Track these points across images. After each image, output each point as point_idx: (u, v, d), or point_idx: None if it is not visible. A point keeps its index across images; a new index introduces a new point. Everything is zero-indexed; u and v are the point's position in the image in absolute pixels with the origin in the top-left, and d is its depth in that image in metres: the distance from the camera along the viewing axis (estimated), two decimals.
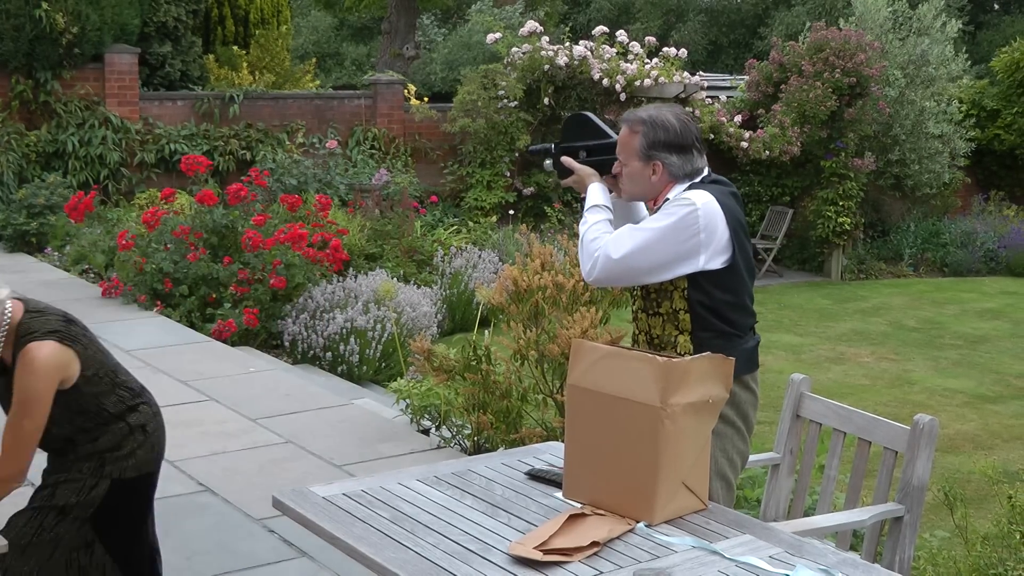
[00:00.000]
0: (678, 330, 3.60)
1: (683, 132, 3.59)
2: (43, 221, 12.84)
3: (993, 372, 10.60)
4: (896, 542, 3.86)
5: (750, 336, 3.66)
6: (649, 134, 3.58)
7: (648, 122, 3.59)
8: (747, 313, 3.65)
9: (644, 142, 3.59)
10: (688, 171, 3.60)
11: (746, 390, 3.63)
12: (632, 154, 3.62)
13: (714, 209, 3.49)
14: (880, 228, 17.59)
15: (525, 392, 6.20)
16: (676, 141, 3.58)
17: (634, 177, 3.64)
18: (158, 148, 14.71)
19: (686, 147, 3.59)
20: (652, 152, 3.58)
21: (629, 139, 3.62)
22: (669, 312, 3.62)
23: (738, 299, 3.60)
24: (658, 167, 3.59)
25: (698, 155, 3.62)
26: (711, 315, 3.55)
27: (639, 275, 3.57)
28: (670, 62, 15.55)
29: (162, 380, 7.65)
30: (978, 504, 6.13)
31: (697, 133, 3.63)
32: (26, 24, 13.88)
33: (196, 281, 9.71)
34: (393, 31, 22.17)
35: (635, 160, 3.61)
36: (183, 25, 16.71)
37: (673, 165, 3.59)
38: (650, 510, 3.04)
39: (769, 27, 27.47)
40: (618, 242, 3.53)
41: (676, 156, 3.58)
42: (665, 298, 3.62)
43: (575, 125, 3.91)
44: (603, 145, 3.79)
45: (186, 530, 5.18)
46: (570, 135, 3.89)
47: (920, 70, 16.79)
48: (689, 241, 3.48)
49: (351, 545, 2.99)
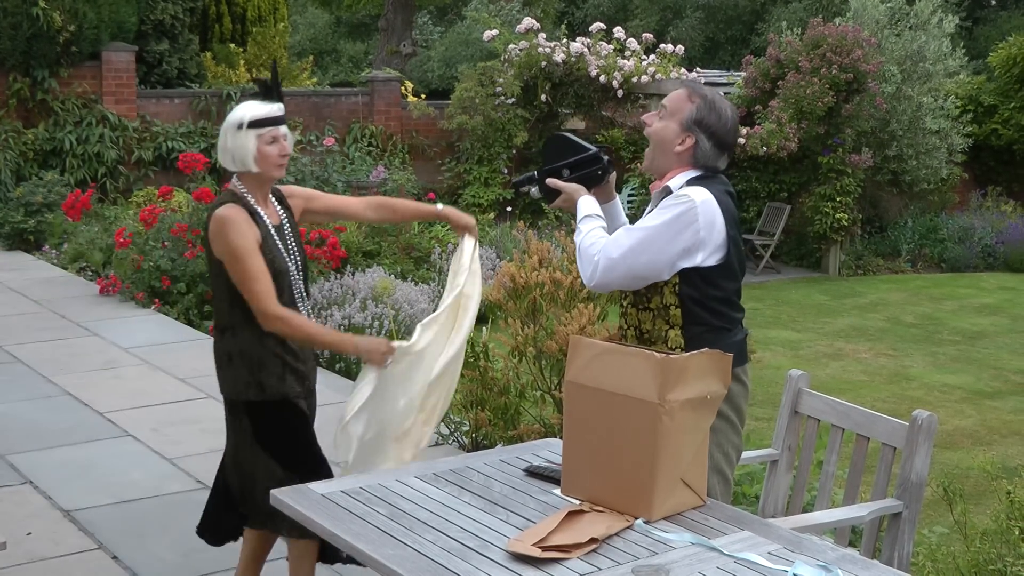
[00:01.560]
0: (668, 324, 3.60)
1: (731, 129, 3.60)
2: (41, 219, 12.84)
3: (991, 368, 10.60)
4: (895, 538, 3.86)
5: (739, 329, 3.66)
6: (703, 109, 3.56)
7: (708, 100, 3.58)
8: (736, 307, 3.65)
9: (695, 114, 3.56)
10: (709, 164, 3.59)
11: (737, 383, 3.63)
12: (677, 117, 3.58)
13: (713, 206, 3.49)
14: (878, 224, 17.59)
15: (523, 389, 6.20)
16: (720, 132, 3.57)
17: (662, 137, 3.61)
18: (155, 146, 14.71)
19: (724, 143, 3.59)
20: (694, 127, 3.56)
21: (682, 103, 3.59)
22: (659, 307, 3.61)
23: (728, 294, 3.60)
24: (690, 141, 3.57)
25: (726, 157, 3.62)
26: (702, 310, 3.55)
27: (640, 273, 3.55)
28: (667, 59, 15.54)
29: (160, 377, 7.66)
30: (977, 500, 6.13)
31: (735, 139, 3.64)
32: (23, 22, 13.87)
33: (194, 278, 9.71)
34: (390, 28, 22.15)
35: (675, 123, 3.58)
36: (180, 23, 16.70)
37: (703, 150, 3.57)
38: (648, 506, 3.04)
39: (767, 23, 27.46)
40: (616, 242, 3.52)
41: (711, 145, 3.57)
42: (655, 293, 3.61)
43: (554, 147, 3.90)
44: (585, 159, 3.77)
45: (184, 527, 5.17)
46: (551, 158, 3.87)
47: (917, 66, 16.78)
48: (688, 237, 3.47)
49: (349, 542, 2.99)
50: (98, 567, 4.78)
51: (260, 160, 3.80)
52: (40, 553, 4.86)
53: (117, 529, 5.15)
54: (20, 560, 4.74)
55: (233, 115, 3.83)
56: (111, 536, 5.07)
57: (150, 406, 7.03)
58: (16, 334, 8.71)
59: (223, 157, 3.86)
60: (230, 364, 3.85)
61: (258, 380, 3.83)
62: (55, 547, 4.94)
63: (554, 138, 3.94)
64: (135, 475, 5.85)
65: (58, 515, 5.30)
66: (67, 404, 7.05)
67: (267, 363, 3.83)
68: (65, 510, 5.36)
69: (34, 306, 9.78)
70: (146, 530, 5.15)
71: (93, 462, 6.03)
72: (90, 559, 4.85)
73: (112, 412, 6.87)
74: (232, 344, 3.84)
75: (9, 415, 6.79)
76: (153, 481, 5.77)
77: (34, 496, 5.54)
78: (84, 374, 7.68)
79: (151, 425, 6.65)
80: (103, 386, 7.42)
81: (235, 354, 3.84)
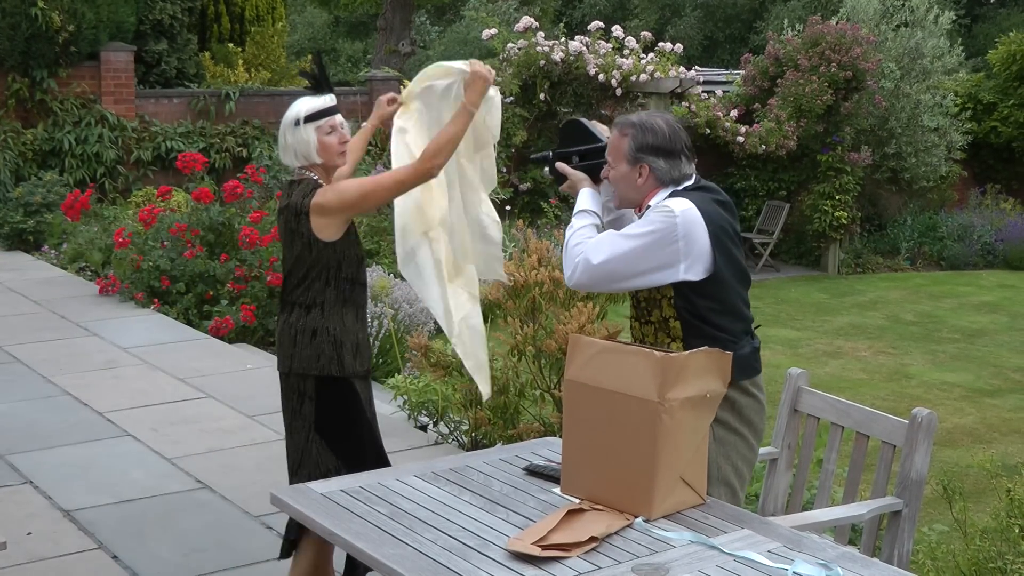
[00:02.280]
0: (670, 338, 3.60)
1: (671, 137, 3.60)
2: (40, 219, 12.83)
3: (991, 366, 10.61)
4: (895, 536, 3.86)
5: (746, 341, 3.62)
6: (638, 137, 3.59)
7: (637, 125, 3.61)
8: (738, 318, 3.62)
9: (632, 145, 3.59)
10: (675, 176, 3.60)
11: (747, 395, 3.61)
12: (620, 156, 3.63)
13: (693, 217, 3.47)
14: (877, 222, 17.59)
15: (522, 388, 6.20)
16: (664, 145, 3.58)
17: (621, 180, 3.65)
18: (154, 146, 14.71)
19: (674, 152, 3.59)
20: (639, 155, 3.59)
21: (619, 142, 3.64)
22: (659, 320, 3.61)
23: (724, 306, 3.56)
24: (644, 170, 3.59)
25: (686, 161, 3.61)
26: (700, 322, 3.54)
27: (618, 281, 3.56)
28: (666, 57, 15.54)
29: (159, 377, 7.65)
30: (976, 498, 6.14)
31: (686, 140, 3.64)
32: (22, 22, 13.86)
33: (193, 278, 9.70)
34: (389, 28, 22.15)
35: (623, 163, 3.62)
36: (179, 23, 16.69)
37: (660, 169, 3.59)
38: (648, 505, 3.04)
39: (765, 21, 27.48)
40: (598, 248, 3.53)
41: (663, 160, 3.58)
42: (655, 307, 3.61)
43: (569, 131, 3.97)
44: (593, 149, 3.82)
45: (184, 527, 5.19)
46: (565, 141, 3.94)
47: (915, 63, 16.78)
48: (667, 249, 3.46)
49: (349, 541, 2.99)
50: (98, 567, 4.77)
51: (322, 151, 3.96)
52: (40, 553, 4.86)
53: (117, 529, 5.15)
54: (20, 560, 4.74)
55: (289, 113, 3.99)
56: (111, 536, 5.07)
57: (149, 406, 7.03)
58: (16, 334, 8.70)
59: (285, 155, 4.02)
60: (313, 340, 3.98)
61: (339, 356, 3.98)
62: (55, 547, 4.94)
63: (571, 122, 3.99)
64: (135, 475, 5.84)
65: (58, 515, 5.30)
66: (67, 404, 7.04)
67: (350, 341, 4.00)
68: (65, 510, 5.35)
69: (33, 306, 9.78)
70: (146, 530, 5.14)
71: (93, 462, 6.03)
72: (90, 559, 4.85)
73: (112, 412, 6.87)
74: (319, 321, 3.98)
75: (9, 415, 6.78)
76: (153, 481, 5.77)
77: (34, 496, 5.54)
78: (83, 374, 7.68)
79: (150, 425, 6.65)
80: (102, 386, 7.42)
81: (320, 330, 3.97)
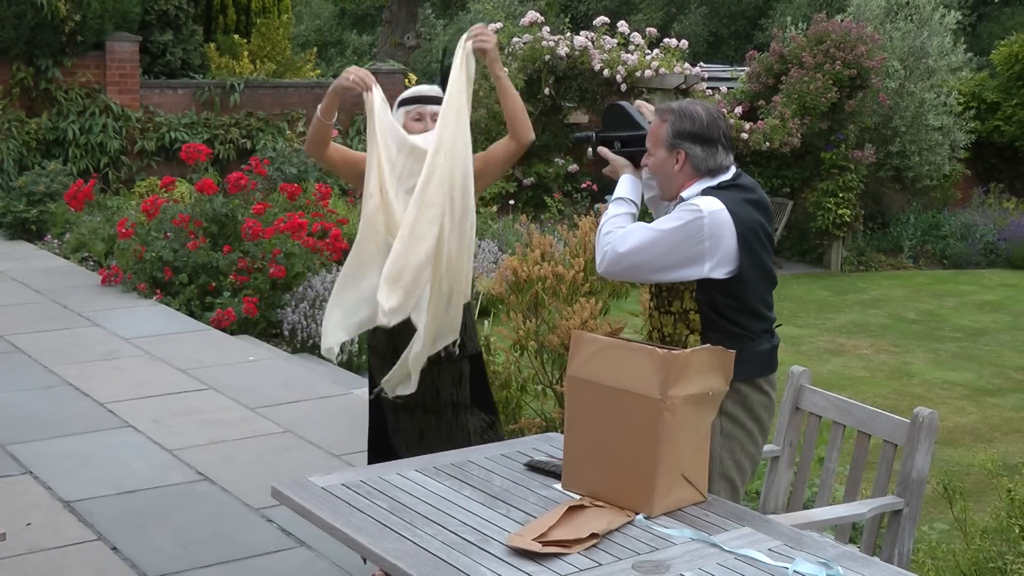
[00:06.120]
0: (689, 329, 3.61)
1: (710, 125, 3.61)
2: (43, 209, 12.82)
3: (993, 365, 10.60)
4: (895, 535, 3.86)
5: (764, 339, 3.65)
6: (676, 123, 3.60)
7: (676, 112, 3.63)
8: (758, 317, 3.64)
9: (671, 131, 3.61)
10: (712, 166, 3.60)
11: (759, 392, 3.63)
12: (659, 143, 3.64)
13: (722, 218, 3.48)
14: (880, 220, 17.57)
15: (524, 383, 6.20)
16: (701, 132, 3.59)
17: (659, 166, 3.66)
18: (158, 136, 14.70)
19: (711, 140, 3.60)
20: (677, 141, 3.60)
21: (658, 128, 3.65)
22: (680, 311, 3.63)
23: (745, 305, 3.59)
24: (681, 156, 3.60)
25: (723, 151, 3.62)
26: (719, 317, 3.56)
27: (644, 273, 3.60)
28: (671, 53, 15.52)
29: (161, 368, 7.66)
30: (977, 497, 6.13)
31: (725, 129, 3.65)
32: (27, 11, 13.85)
33: (196, 270, 9.70)
34: (394, 20, 22.10)
35: (661, 149, 3.64)
36: (184, 13, 16.67)
37: (696, 157, 3.59)
38: (649, 502, 3.04)
39: (770, 18, 27.44)
40: (627, 238, 3.55)
41: (700, 147, 3.59)
42: (676, 297, 3.62)
43: (612, 115, 3.96)
44: (635, 136, 3.83)
45: (184, 519, 5.19)
46: (609, 125, 3.95)
47: (920, 62, 16.76)
48: (693, 248, 3.47)
49: (350, 536, 2.99)
50: (98, 558, 4.78)
51: None
52: (40, 544, 4.86)
53: (117, 520, 5.15)
54: (20, 551, 4.74)
55: None
56: (111, 527, 5.07)
57: (151, 397, 7.03)
58: (17, 324, 8.71)
59: None
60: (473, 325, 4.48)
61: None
62: (55, 538, 4.94)
63: (614, 106, 3.99)
64: (135, 466, 5.85)
65: (58, 506, 5.30)
66: (68, 394, 7.04)
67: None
68: (65, 501, 5.36)
69: (36, 296, 9.78)
70: (146, 521, 5.15)
71: (93, 453, 6.03)
72: (90, 550, 4.85)
73: (113, 403, 6.87)
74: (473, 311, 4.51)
75: (9, 405, 6.79)
76: (153, 472, 5.77)
77: (34, 486, 5.54)
78: (85, 364, 7.68)
79: (152, 416, 6.65)
80: (104, 376, 7.42)
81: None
